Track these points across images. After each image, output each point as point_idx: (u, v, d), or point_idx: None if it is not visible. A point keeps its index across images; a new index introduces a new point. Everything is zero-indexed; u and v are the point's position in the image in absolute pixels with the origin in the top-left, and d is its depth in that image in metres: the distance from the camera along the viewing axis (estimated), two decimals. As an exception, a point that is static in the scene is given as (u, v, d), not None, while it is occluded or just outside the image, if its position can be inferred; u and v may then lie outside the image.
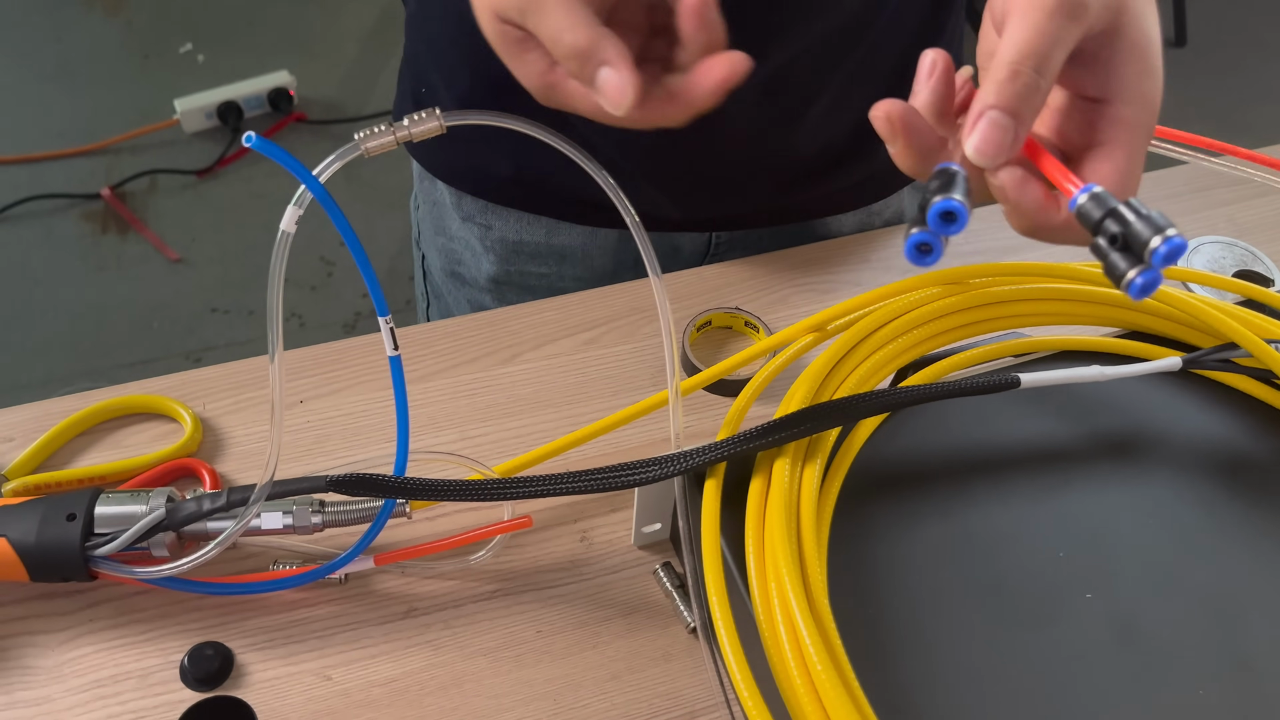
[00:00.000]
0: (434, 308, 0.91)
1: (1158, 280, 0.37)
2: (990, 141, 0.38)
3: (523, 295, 0.83)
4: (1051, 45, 0.38)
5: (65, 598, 0.55)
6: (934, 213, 0.37)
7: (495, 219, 0.80)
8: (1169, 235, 0.36)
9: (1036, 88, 0.38)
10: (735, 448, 0.51)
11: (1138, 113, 0.41)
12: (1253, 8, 2.70)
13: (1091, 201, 0.38)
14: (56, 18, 2.53)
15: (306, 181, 0.46)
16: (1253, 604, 0.50)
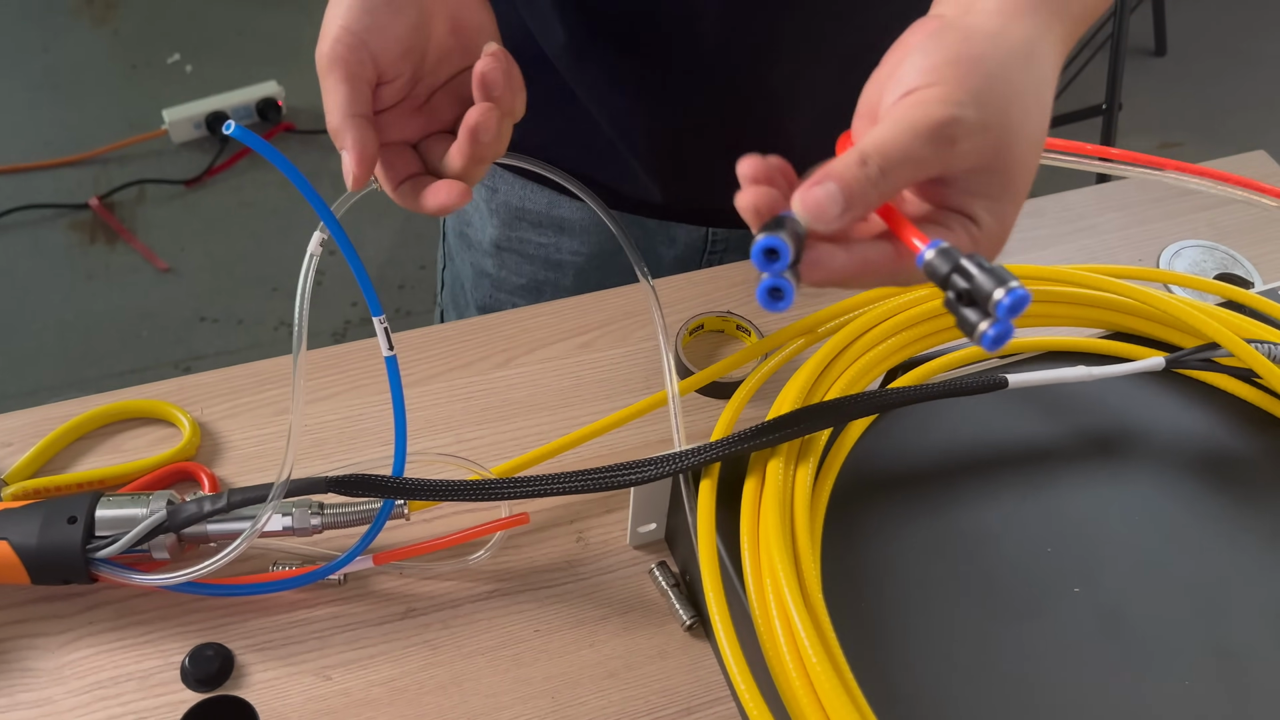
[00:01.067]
0: (448, 270, 0.93)
1: (1008, 331, 0.37)
2: (818, 205, 0.38)
3: (520, 264, 0.84)
4: (907, 162, 0.39)
5: (65, 600, 0.55)
6: (756, 249, 0.38)
7: (501, 182, 0.81)
8: (1011, 287, 0.36)
9: (876, 186, 0.38)
10: (730, 448, 0.52)
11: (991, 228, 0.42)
12: (1231, 18, 2.73)
13: (939, 257, 0.38)
14: (44, 28, 2.52)
15: (284, 169, 0.47)
16: (1235, 595, 0.51)
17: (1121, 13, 1.93)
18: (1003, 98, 0.41)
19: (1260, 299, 0.63)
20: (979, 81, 0.40)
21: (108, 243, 2.09)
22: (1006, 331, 0.37)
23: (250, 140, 0.46)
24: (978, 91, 0.40)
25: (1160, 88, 2.51)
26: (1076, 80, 2.27)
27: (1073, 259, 0.77)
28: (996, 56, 0.41)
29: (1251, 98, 2.51)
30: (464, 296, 0.91)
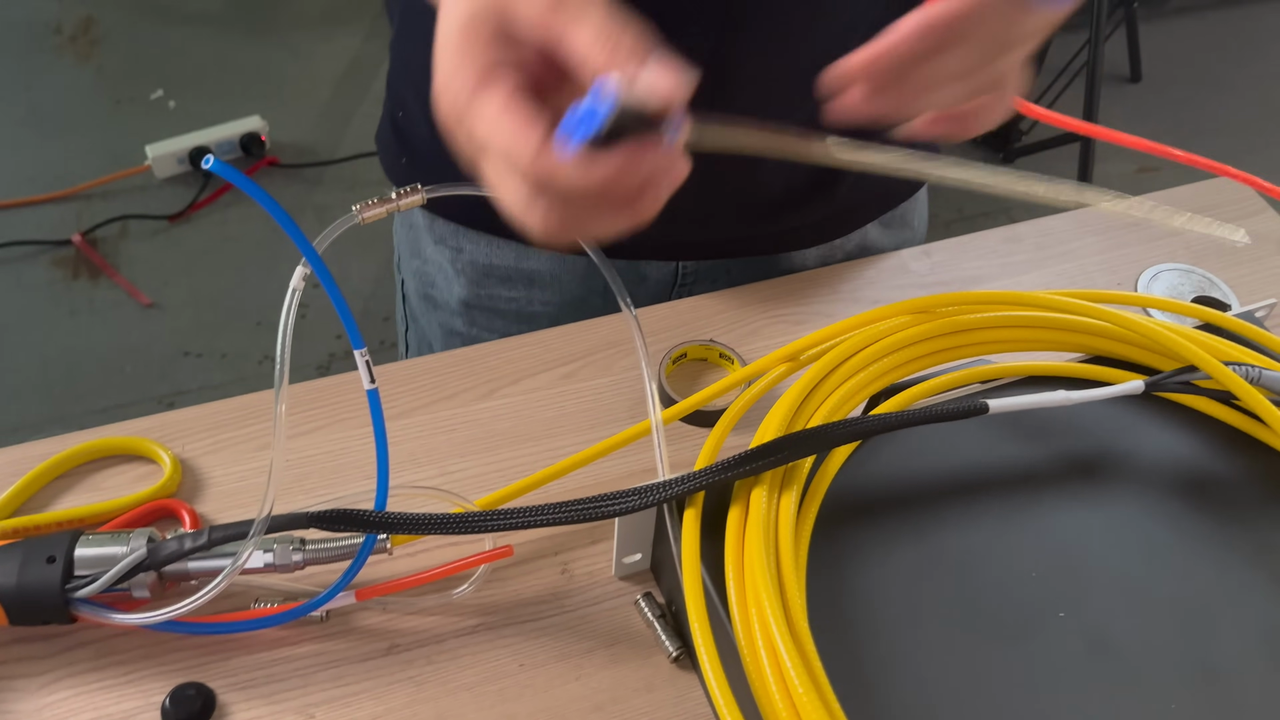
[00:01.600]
0: (412, 331, 0.92)
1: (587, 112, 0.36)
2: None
3: (492, 320, 0.84)
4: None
5: (44, 641, 0.55)
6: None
7: (466, 242, 0.81)
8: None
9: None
10: (713, 477, 0.52)
11: None
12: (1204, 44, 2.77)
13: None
14: (27, 65, 2.53)
15: (264, 202, 0.47)
16: (1220, 616, 0.51)
17: (1096, 40, 1.96)
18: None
19: (1237, 321, 0.64)
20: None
21: (91, 279, 2.09)
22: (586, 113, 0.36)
23: (230, 174, 0.46)
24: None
25: (1136, 113, 2.54)
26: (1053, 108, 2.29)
27: (1052, 284, 0.77)
28: None
29: (1226, 122, 2.54)
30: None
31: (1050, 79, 2.26)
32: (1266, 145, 2.48)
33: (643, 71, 0.37)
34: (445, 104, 0.41)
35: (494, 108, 0.39)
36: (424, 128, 0.78)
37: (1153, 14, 2.72)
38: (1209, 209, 0.84)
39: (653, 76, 0.37)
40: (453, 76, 0.41)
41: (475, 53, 0.40)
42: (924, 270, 0.78)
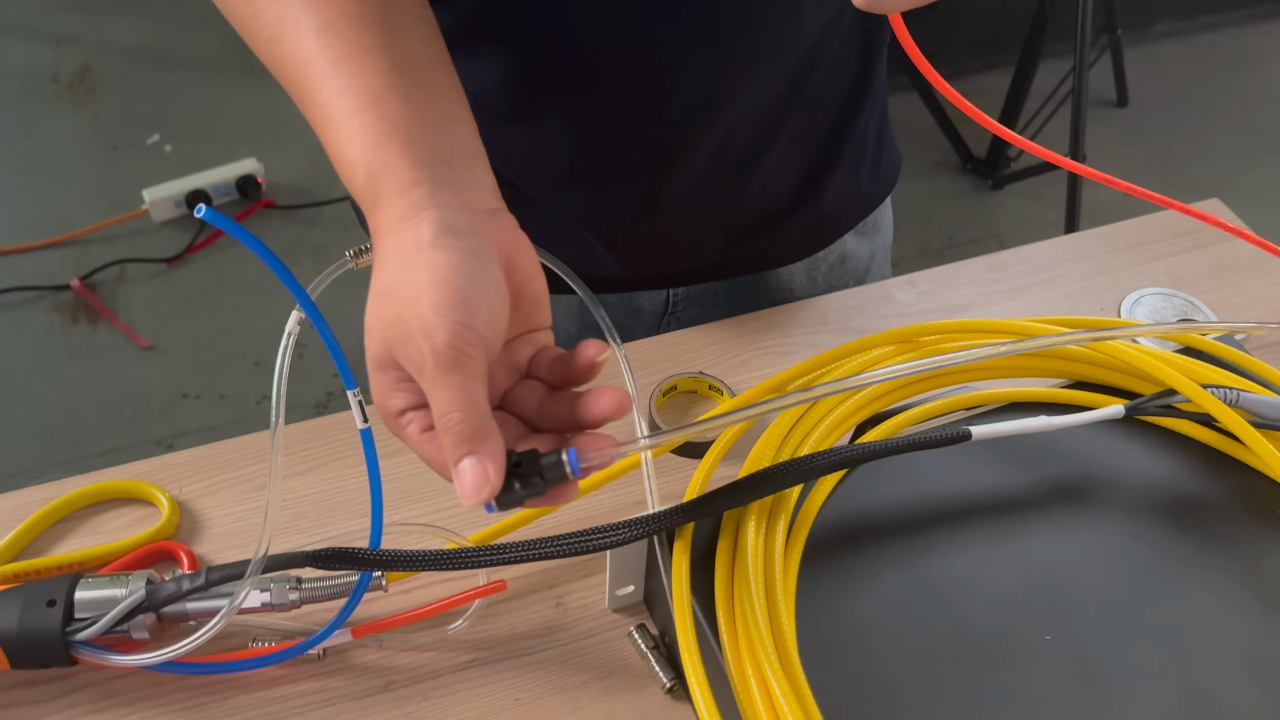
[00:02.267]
0: None
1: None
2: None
3: None
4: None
5: (45, 684, 0.55)
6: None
7: None
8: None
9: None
10: (701, 508, 0.52)
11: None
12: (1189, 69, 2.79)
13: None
14: (23, 112, 2.55)
15: (255, 248, 0.48)
16: (1205, 637, 0.52)
17: (1081, 67, 1.98)
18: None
19: (1218, 344, 0.65)
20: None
21: (89, 322, 2.10)
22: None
23: (221, 222, 0.47)
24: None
25: (1123, 138, 2.56)
26: (1041, 133, 2.31)
27: (1035, 310, 0.79)
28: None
29: (1213, 145, 2.56)
30: None
31: (1037, 105, 2.28)
32: (1253, 167, 2.50)
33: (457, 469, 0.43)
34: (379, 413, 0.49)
35: (412, 441, 0.47)
36: None
37: (1137, 39, 2.75)
38: (1193, 232, 0.85)
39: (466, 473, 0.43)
40: (376, 400, 0.48)
41: (388, 394, 0.47)
42: (909, 299, 0.79)
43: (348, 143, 0.48)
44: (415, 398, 0.47)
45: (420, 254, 0.45)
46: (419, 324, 0.43)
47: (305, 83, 0.50)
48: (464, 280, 0.44)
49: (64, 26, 2.77)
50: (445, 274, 0.44)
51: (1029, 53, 2.23)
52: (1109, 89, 2.62)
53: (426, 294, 0.43)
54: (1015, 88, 2.29)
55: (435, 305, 0.43)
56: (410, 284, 0.44)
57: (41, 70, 2.66)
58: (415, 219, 0.46)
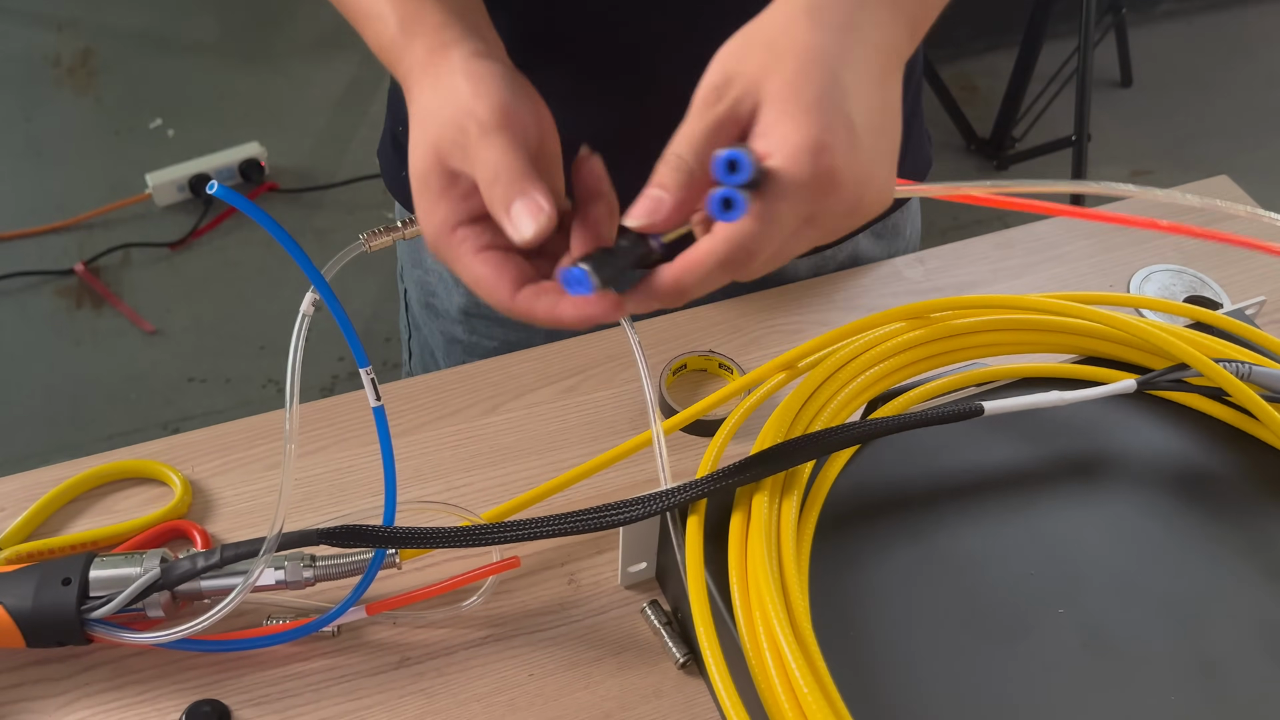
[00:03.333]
0: (414, 338, 0.93)
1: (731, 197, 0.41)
2: (642, 210, 0.44)
3: (491, 328, 0.85)
4: (700, 137, 0.43)
5: (61, 662, 0.56)
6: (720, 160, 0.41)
7: None
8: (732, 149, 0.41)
9: (682, 167, 0.43)
10: (715, 484, 0.52)
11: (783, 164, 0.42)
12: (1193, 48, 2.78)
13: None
14: (25, 97, 2.55)
15: (268, 226, 0.48)
16: (1216, 610, 0.52)
17: (1085, 46, 1.98)
18: (750, 47, 0.44)
19: (1228, 319, 0.64)
20: (728, 48, 0.45)
21: (94, 307, 2.10)
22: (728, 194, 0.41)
23: (234, 199, 0.47)
24: (727, 55, 0.45)
25: (1128, 118, 2.55)
26: (1045, 113, 2.31)
27: (1044, 287, 0.78)
28: (754, 24, 0.46)
29: (1217, 125, 2.55)
30: (435, 364, 0.91)
31: (1041, 85, 2.27)
32: (1257, 146, 2.49)
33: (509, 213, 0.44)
34: (427, 239, 0.48)
35: (465, 261, 0.47)
36: None
37: (1142, 19, 2.74)
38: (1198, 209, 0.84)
39: (519, 209, 0.44)
40: (424, 225, 0.48)
41: (436, 208, 0.47)
42: (918, 277, 0.79)
43: (377, 2, 0.51)
44: (466, 208, 0.47)
45: (456, 71, 0.47)
46: (463, 111, 0.45)
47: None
48: (501, 80, 0.46)
49: (66, 10, 2.76)
50: (483, 74, 0.46)
51: (1033, 33, 2.22)
52: (1113, 69, 2.61)
53: (465, 91, 0.46)
54: (1020, 68, 2.28)
55: (476, 93, 0.45)
56: (450, 91, 0.46)
57: (44, 54, 2.65)
58: (447, 51, 0.48)
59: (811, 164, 0.42)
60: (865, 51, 0.45)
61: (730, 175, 0.41)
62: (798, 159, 0.42)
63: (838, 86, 0.43)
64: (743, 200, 0.41)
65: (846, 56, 0.44)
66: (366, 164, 2.35)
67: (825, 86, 0.43)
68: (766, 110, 0.43)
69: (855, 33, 0.45)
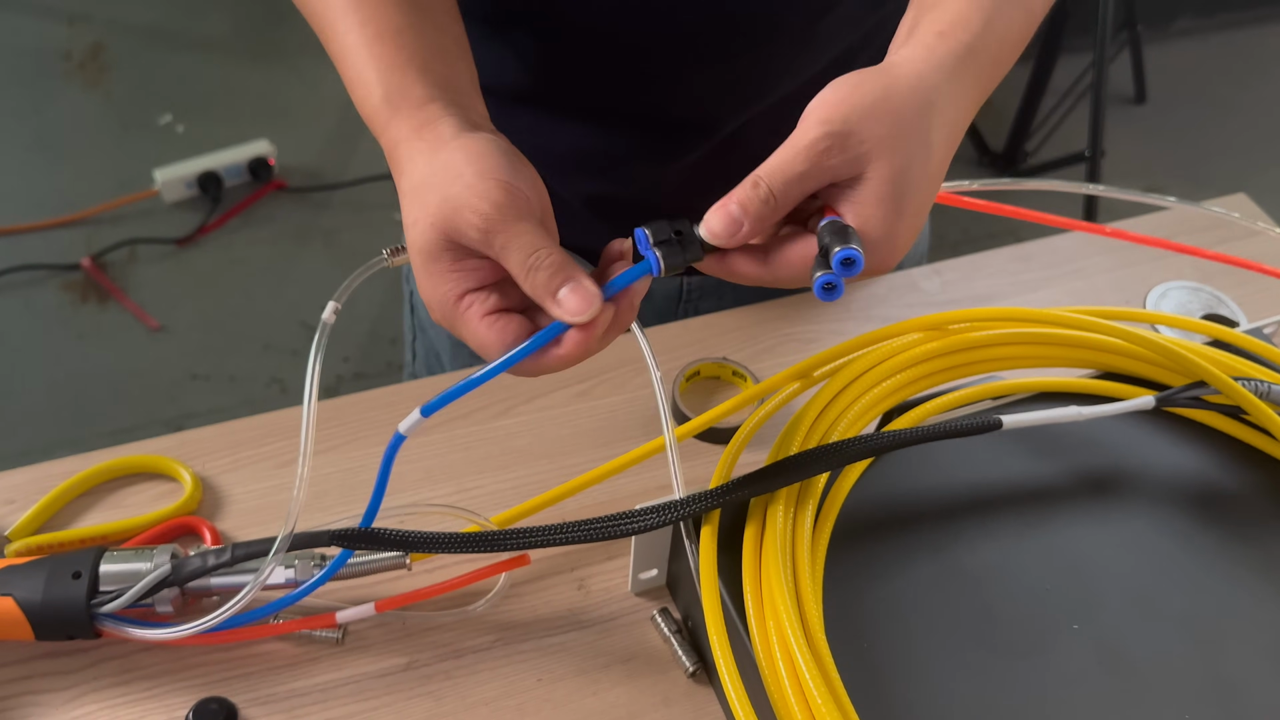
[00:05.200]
0: (419, 340, 0.93)
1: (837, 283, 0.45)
2: (720, 226, 0.46)
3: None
4: (791, 178, 0.46)
5: (69, 656, 0.55)
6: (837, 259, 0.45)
7: None
8: (847, 246, 0.44)
9: (769, 201, 0.46)
10: (730, 494, 0.52)
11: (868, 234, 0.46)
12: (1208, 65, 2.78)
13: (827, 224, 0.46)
14: (35, 90, 2.55)
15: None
16: (1231, 628, 0.52)
17: (1101, 61, 1.97)
18: (876, 117, 0.46)
19: (1246, 337, 0.64)
20: (854, 103, 0.46)
21: (99, 302, 2.10)
22: (835, 282, 0.45)
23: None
24: (851, 110, 0.46)
25: (1142, 134, 2.55)
26: (1059, 129, 2.30)
27: (1061, 301, 0.78)
28: (882, 84, 0.47)
29: (1232, 142, 2.55)
30: (440, 366, 0.91)
31: (1055, 100, 2.27)
32: (1271, 164, 2.48)
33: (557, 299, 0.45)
34: (432, 313, 0.49)
35: (471, 327, 0.48)
36: None
37: (1157, 35, 2.74)
38: (1215, 226, 0.84)
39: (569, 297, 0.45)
40: (430, 296, 0.49)
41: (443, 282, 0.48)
42: (934, 289, 0.79)
43: (367, 68, 0.52)
44: (473, 279, 0.48)
45: (447, 145, 0.48)
46: (469, 193, 0.45)
47: (329, 13, 0.54)
48: (499, 156, 0.47)
49: (77, 4, 2.76)
50: (480, 150, 0.47)
51: (1048, 48, 2.22)
52: (1127, 85, 2.60)
53: (467, 169, 0.46)
54: (1034, 83, 2.28)
55: (480, 173, 0.46)
56: (447, 168, 0.47)
57: (54, 48, 2.65)
58: (434, 124, 0.49)
59: (878, 253, 0.47)
60: (945, 143, 0.49)
61: (845, 269, 0.45)
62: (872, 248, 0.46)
63: (921, 187, 0.47)
64: (842, 289, 0.45)
65: (933, 154, 0.48)
66: (375, 164, 2.35)
67: (916, 186, 0.47)
68: (869, 187, 0.46)
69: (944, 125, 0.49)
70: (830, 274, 0.45)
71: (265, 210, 2.27)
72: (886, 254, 0.47)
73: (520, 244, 0.45)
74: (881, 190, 0.46)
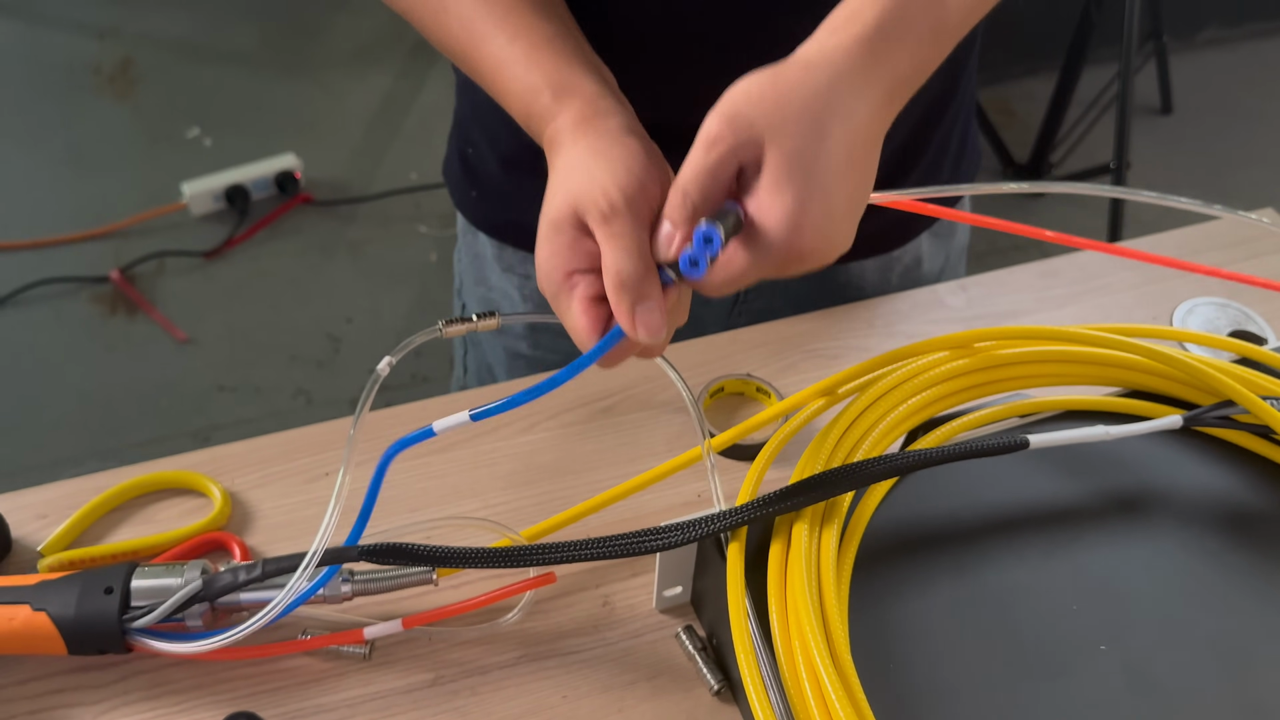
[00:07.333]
0: (470, 355, 0.94)
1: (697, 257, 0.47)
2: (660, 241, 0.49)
3: (556, 340, 0.85)
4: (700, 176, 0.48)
5: (100, 671, 0.56)
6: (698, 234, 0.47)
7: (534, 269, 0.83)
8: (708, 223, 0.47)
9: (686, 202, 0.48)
10: (756, 512, 0.52)
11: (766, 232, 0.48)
12: (1235, 76, 2.76)
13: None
14: (65, 105, 2.58)
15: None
16: (1261, 651, 0.51)
17: (1127, 73, 1.96)
18: (762, 100, 0.48)
19: (1275, 355, 0.64)
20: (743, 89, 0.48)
21: (128, 314, 2.12)
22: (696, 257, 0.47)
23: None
24: (739, 95, 0.48)
25: (1168, 146, 2.54)
26: (1084, 140, 2.29)
27: (1088, 318, 0.78)
28: (771, 72, 0.49)
29: (1259, 155, 2.53)
30: (492, 379, 0.92)
31: (1081, 111, 2.26)
32: (1303, 177, 2.47)
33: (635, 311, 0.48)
34: (540, 281, 0.52)
35: (573, 307, 0.51)
36: (492, 165, 0.80)
37: (1183, 46, 2.72)
38: (1245, 242, 0.84)
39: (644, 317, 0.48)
40: (543, 265, 0.52)
41: (560, 255, 0.51)
42: (960, 304, 0.79)
43: (530, 74, 0.55)
44: (586, 261, 0.50)
45: (612, 136, 0.52)
46: (610, 177, 0.49)
47: (472, 32, 0.58)
48: (649, 159, 0.51)
49: (107, 19, 2.80)
50: (635, 149, 0.51)
51: (1073, 58, 2.21)
52: (1153, 96, 2.59)
53: (617, 156, 0.50)
54: (1059, 93, 2.27)
55: (629, 164, 0.50)
56: (604, 156, 0.50)
57: (84, 63, 2.69)
58: (604, 117, 0.53)
59: (787, 237, 0.48)
60: (863, 127, 0.49)
61: (704, 247, 0.47)
62: (778, 231, 0.47)
63: (829, 169, 0.48)
64: (705, 265, 0.47)
65: (846, 135, 0.48)
66: (401, 177, 2.36)
67: (819, 167, 0.48)
68: (766, 172, 0.48)
69: (859, 110, 0.49)
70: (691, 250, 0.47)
71: (292, 223, 2.29)
72: (794, 237, 0.48)
73: (622, 239, 0.48)
74: (775, 172, 0.47)
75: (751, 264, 0.49)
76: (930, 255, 0.86)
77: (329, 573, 0.55)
